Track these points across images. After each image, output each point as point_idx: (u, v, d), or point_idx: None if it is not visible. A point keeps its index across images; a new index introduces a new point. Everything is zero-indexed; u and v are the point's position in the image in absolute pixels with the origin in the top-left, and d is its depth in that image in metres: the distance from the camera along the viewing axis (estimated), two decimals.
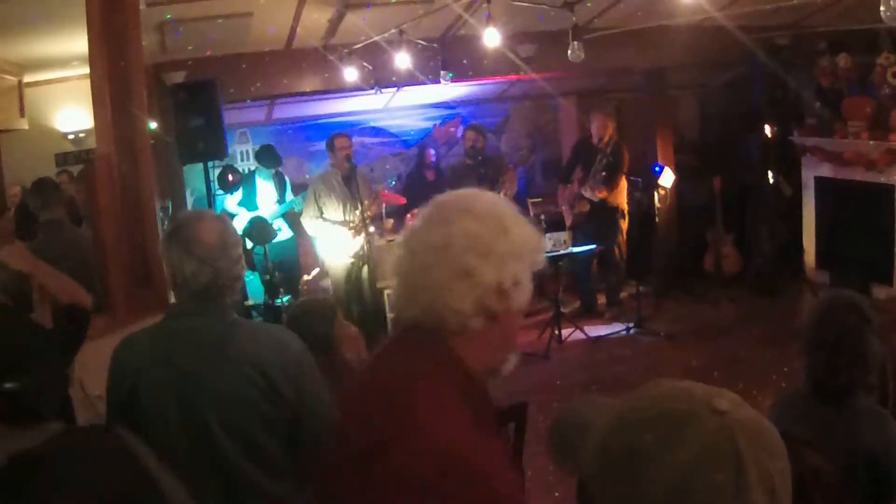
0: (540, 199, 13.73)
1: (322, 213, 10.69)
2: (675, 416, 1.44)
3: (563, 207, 12.09)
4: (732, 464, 1.37)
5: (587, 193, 11.43)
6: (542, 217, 12.93)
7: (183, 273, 3.34)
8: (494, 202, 2.43)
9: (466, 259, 2.25)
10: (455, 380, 2.28)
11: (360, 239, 10.47)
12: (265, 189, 11.28)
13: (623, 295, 12.23)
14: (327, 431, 3.53)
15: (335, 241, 10.63)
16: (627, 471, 1.45)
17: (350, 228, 10.51)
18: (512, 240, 2.34)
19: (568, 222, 12.04)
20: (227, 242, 3.45)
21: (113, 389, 3.46)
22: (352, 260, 10.62)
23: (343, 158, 10.52)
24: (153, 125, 8.99)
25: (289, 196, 11.41)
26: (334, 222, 10.63)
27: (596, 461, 1.50)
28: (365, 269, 10.63)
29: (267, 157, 11.44)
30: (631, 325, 11.28)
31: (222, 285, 3.42)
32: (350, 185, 10.44)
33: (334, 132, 11.04)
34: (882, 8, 5.01)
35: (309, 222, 10.82)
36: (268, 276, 10.34)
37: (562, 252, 11.31)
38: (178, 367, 3.32)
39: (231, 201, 11.13)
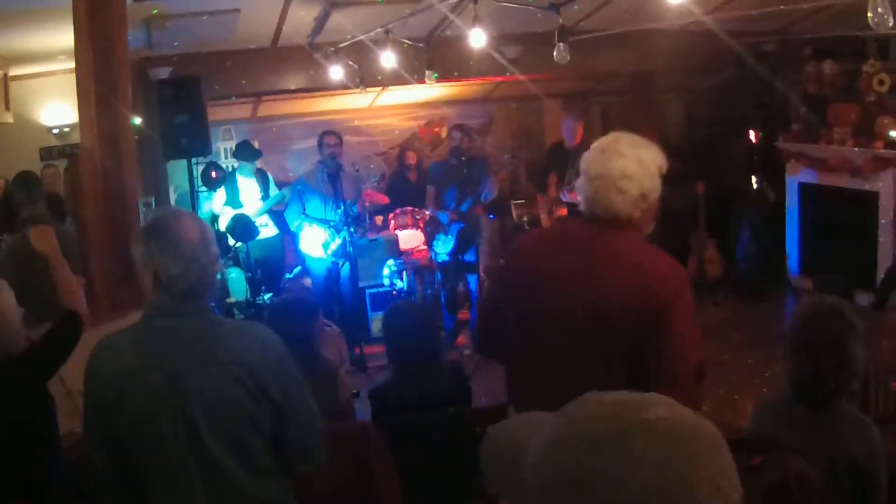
0: (523, 202, 13.72)
1: (304, 208, 10.66)
2: (617, 431, 1.40)
3: (542, 216, 12.03)
4: (683, 470, 1.34)
5: (565, 198, 11.37)
6: (525, 219, 12.90)
7: (169, 272, 3.29)
8: (631, 141, 3.87)
9: (619, 183, 3.75)
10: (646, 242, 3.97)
11: (342, 237, 10.42)
12: (247, 186, 11.24)
13: None
14: (310, 430, 3.55)
15: (316, 239, 10.61)
16: (577, 496, 1.42)
17: (331, 227, 10.48)
18: (645, 165, 3.79)
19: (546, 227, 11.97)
20: (207, 239, 3.43)
21: (94, 393, 3.37)
22: (332, 258, 10.59)
23: (328, 156, 10.48)
24: (138, 121, 8.98)
25: (272, 192, 11.37)
26: (315, 219, 10.60)
27: (538, 486, 1.47)
28: (346, 267, 10.59)
29: (245, 151, 11.36)
30: None
31: (205, 283, 3.39)
32: (335, 183, 10.40)
33: (325, 129, 10.99)
34: (870, 14, 5.01)
35: (291, 217, 10.80)
36: (250, 274, 10.33)
37: None
38: (165, 369, 3.26)
39: (217, 201, 11.09)
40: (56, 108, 11.36)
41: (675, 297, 3.65)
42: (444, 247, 10.80)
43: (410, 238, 11.39)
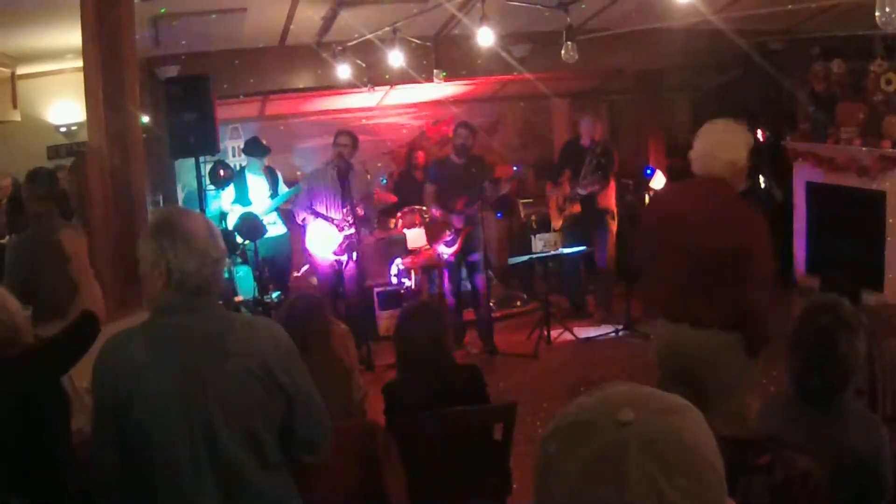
0: (531, 200, 13.72)
1: (312, 203, 10.65)
2: (576, 426, 1.43)
3: (552, 209, 12.02)
4: (615, 479, 1.34)
5: (583, 190, 11.35)
6: (533, 218, 12.90)
7: (184, 268, 3.29)
8: (725, 125, 5.83)
9: (715, 153, 5.60)
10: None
11: (347, 236, 10.40)
12: (256, 184, 11.24)
13: (612, 297, 12.14)
14: (318, 421, 3.61)
15: (322, 237, 10.60)
16: (537, 482, 1.46)
17: (335, 225, 10.46)
18: (731, 142, 5.68)
19: (556, 225, 11.97)
20: (215, 234, 3.45)
21: (106, 391, 3.31)
22: (338, 257, 10.57)
23: (336, 154, 10.47)
24: (145, 119, 8.98)
25: (281, 189, 11.37)
26: (321, 215, 10.57)
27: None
28: (351, 266, 10.57)
29: (254, 147, 11.36)
30: (620, 326, 11.23)
31: (216, 278, 3.42)
32: (343, 182, 10.40)
33: (340, 129, 10.97)
34: (877, 13, 5.01)
35: (300, 211, 10.80)
36: (258, 272, 10.33)
37: (551, 253, 11.29)
38: (180, 365, 3.26)
39: (226, 199, 11.10)
40: (63, 106, 11.37)
41: (758, 231, 5.53)
42: (447, 247, 10.75)
43: (418, 237, 11.39)
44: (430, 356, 5.50)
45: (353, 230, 10.33)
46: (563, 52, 7.66)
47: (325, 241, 10.55)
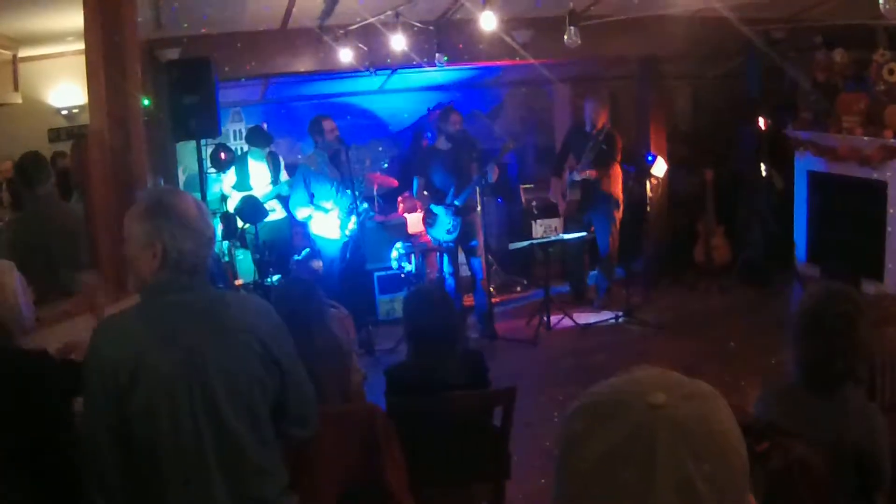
0: (532, 185, 13.70)
1: (313, 197, 10.59)
2: (606, 405, 1.42)
3: (558, 199, 11.97)
4: (643, 461, 1.33)
5: (577, 176, 11.32)
6: (534, 203, 12.89)
7: (181, 248, 3.30)
8: None
9: None
10: None
11: (355, 216, 10.37)
12: (258, 169, 11.24)
13: (612, 283, 12.13)
14: (307, 395, 3.69)
15: (327, 221, 10.57)
16: (560, 458, 1.45)
17: (341, 211, 10.43)
18: None
19: (562, 211, 11.96)
20: (205, 213, 3.50)
21: (105, 378, 3.24)
22: (342, 240, 10.55)
23: (334, 139, 10.42)
24: (146, 102, 8.98)
25: (283, 176, 11.36)
26: (326, 209, 10.55)
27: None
28: (354, 248, 10.55)
29: (257, 137, 11.36)
30: (620, 313, 11.22)
31: (209, 257, 3.47)
32: (339, 164, 10.37)
33: (318, 114, 10.89)
34: (881, 2, 5.01)
35: (298, 210, 10.74)
36: (258, 255, 10.33)
37: (552, 238, 11.28)
38: (182, 344, 3.27)
39: (227, 182, 11.09)
40: (65, 89, 11.38)
41: None
42: (445, 235, 10.71)
43: (418, 221, 11.39)
44: (444, 342, 5.49)
45: (358, 210, 10.29)
46: (565, 37, 7.64)
47: (330, 226, 10.53)
